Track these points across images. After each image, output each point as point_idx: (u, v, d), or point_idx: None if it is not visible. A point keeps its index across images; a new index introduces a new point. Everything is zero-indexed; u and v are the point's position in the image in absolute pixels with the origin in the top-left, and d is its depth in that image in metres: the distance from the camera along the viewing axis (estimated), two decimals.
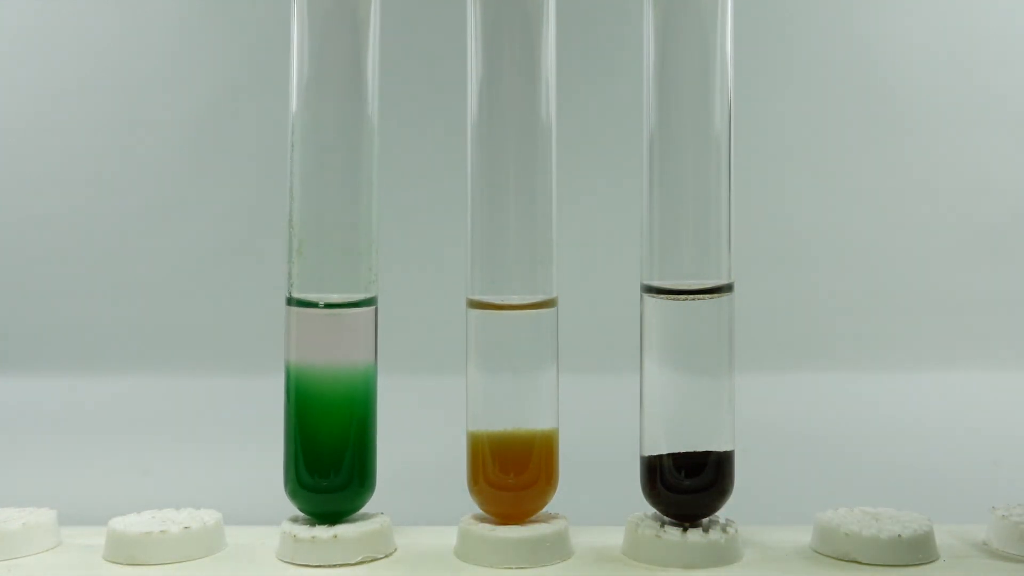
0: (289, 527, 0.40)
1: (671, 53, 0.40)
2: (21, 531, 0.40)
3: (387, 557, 0.40)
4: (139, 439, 0.70)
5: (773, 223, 0.79)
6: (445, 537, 0.42)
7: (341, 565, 0.39)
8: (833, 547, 0.40)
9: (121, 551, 0.40)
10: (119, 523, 0.40)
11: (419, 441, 0.62)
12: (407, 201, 0.77)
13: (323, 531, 0.40)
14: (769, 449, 0.64)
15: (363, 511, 0.42)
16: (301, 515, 0.41)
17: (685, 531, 0.39)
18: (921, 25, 0.80)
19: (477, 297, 0.41)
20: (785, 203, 0.79)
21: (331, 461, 0.40)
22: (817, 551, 0.41)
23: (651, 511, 0.42)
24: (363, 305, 0.41)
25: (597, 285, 0.74)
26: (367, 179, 0.41)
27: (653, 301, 0.41)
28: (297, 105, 0.41)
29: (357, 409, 0.41)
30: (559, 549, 0.40)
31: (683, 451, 0.40)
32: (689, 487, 0.40)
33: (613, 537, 0.42)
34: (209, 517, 0.41)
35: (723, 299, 0.40)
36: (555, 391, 0.41)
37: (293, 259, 0.41)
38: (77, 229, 0.80)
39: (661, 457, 0.40)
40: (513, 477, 0.41)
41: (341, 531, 0.40)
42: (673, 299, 0.40)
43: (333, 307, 0.41)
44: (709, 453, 0.40)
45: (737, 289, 0.41)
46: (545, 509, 0.42)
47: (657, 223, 0.40)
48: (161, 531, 0.39)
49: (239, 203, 0.79)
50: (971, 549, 0.41)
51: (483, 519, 0.41)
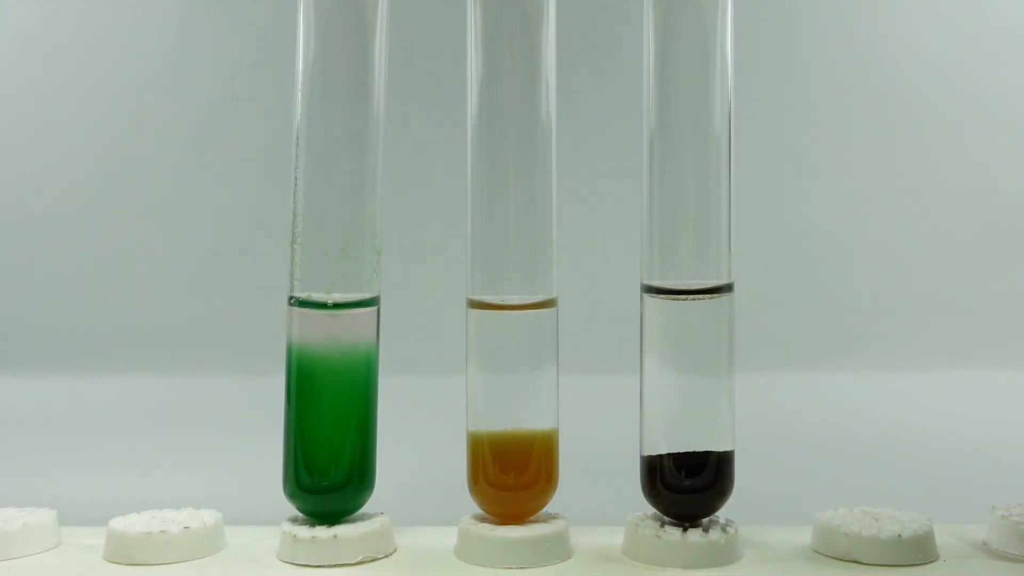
0: (289, 527, 0.40)
1: (671, 53, 0.40)
2: (21, 531, 0.40)
3: (387, 557, 0.40)
4: (139, 439, 0.70)
5: (773, 223, 0.79)
6: (445, 537, 0.42)
7: (341, 565, 0.39)
8: (833, 547, 0.40)
9: (121, 551, 0.40)
10: (119, 523, 0.40)
11: (419, 441, 0.62)
12: (407, 201, 0.77)
13: (323, 531, 0.40)
14: (769, 449, 0.64)
15: (363, 511, 0.42)
16: (301, 515, 0.41)
17: (685, 531, 0.39)
18: (922, 25, 0.80)
19: (477, 297, 0.41)
20: (785, 203, 0.79)
21: (331, 460, 0.40)
22: (817, 551, 0.41)
23: (651, 511, 0.42)
24: (365, 305, 0.41)
25: (597, 285, 0.74)
26: (371, 179, 0.41)
27: (653, 301, 0.41)
28: (302, 105, 0.41)
29: (357, 409, 0.41)
30: (559, 549, 0.40)
31: (683, 451, 0.40)
32: (689, 487, 0.40)
33: (613, 537, 0.42)
34: (209, 517, 0.41)
35: (723, 299, 0.40)
36: (555, 391, 0.41)
37: (295, 258, 0.41)
38: (77, 229, 0.80)
39: (661, 457, 0.40)
40: (513, 477, 0.41)
41: (341, 531, 0.40)
42: (673, 299, 0.40)
43: (334, 307, 0.41)
44: (709, 453, 0.40)
45: (737, 289, 0.41)
46: (545, 509, 0.42)
47: (657, 223, 0.40)
48: (161, 531, 0.39)
49: (239, 203, 0.79)
50: (971, 549, 0.41)
51: (483, 519, 0.41)
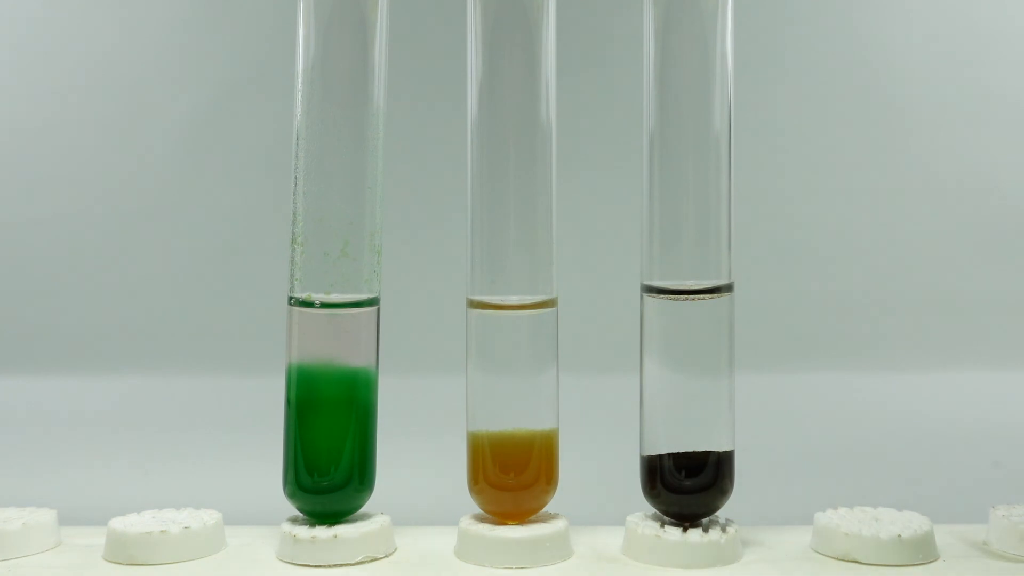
0: (289, 527, 0.40)
1: (671, 53, 0.40)
2: (21, 531, 0.40)
3: (387, 557, 0.40)
4: (139, 439, 0.70)
5: (773, 223, 0.79)
6: (445, 537, 0.42)
7: (341, 565, 0.39)
8: (833, 547, 0.40)
9: (121, 551, 0.40)
10: (119, 523, 0.40)
11: (419, 441, 0.62)
12: (407, 201, 0.77)
13: (323, 531, 0.40)
14: (769, 449, 0.64)
15: (363, 511, 0.42)
16: (301, 515, 0.41)
17: (685, 531, 0.39)
18: (922, 25, 0.80)
19: (477, 297, 0.41)
20: (785, 203, 0.79)
21: (331, 460, 0.40)
22: (817, 551, 0.41)
23: (651, 511, 0.42)
24: (365, 305, 0.41)
25: (597, 285, 0.74)
26: (372, 179, 0.41)
27: (653, 301, 0.41)
28: (302, 105, 0.41)
29: (357, 408, 0.41)
30: (559, 549, 0.40)
31: (683, 451, 0.40)
32: (689, 487, 0.40)
33: (613, 537, 0.42)
34: (209, 517, 0.41)
35: (723, 299, 0.40)
36: (555, 391, 0.41)
37: (295, 259, 0.41)
38: (77, 229, 0.79)
39: (661, 457, 0.40)
40: (513, 477, 0.41)
41: (341, 531, 0.40)
42: (673, 299, 0.40)
43: (334, 307, 0.41)
44: (709, 453, 0.40)
45: (737, 289, 0.41)
46: (545, 509, 0.42)
47: (657, 223, 0.40)
48: (161, 531, 0.39)
49: (239, 203, 0.79)
50: (971, 549, 0.41)
51: (483, 519, 0.41)
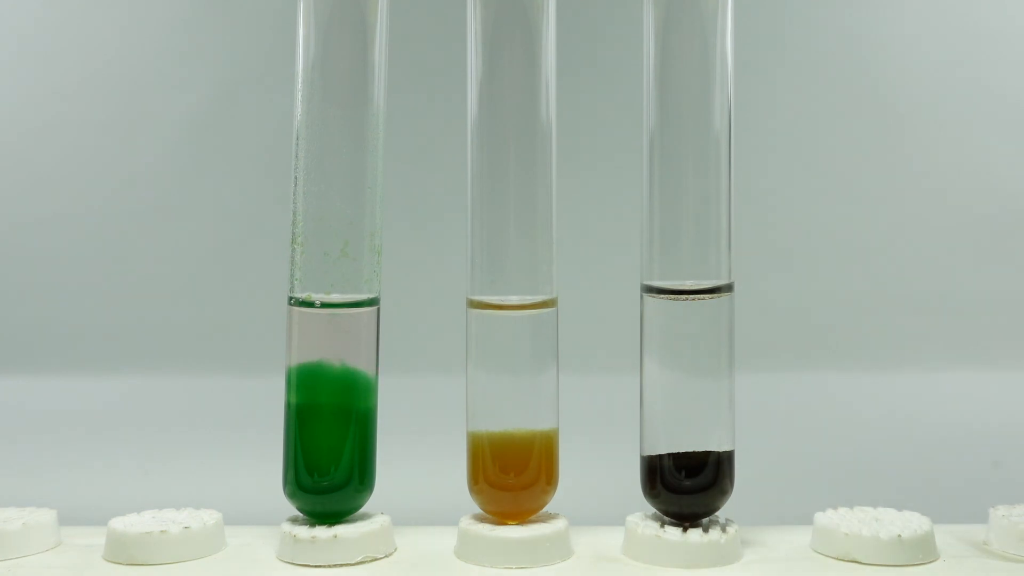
0: (289, 527, 0.40)
1: (671, 53, 0.40)
2: (21, 531, 0.40)
3: (387, 557, 0.40)
4: (139, 439, 0.70)
5: (773, 223, 0.79)
6: (445, 537, 0.42)
7: (341, 565, 0.39)
8: (833, 547, 0.40)
9: (121, 551, 0.40)
10: (119, 523, 0.40)
11: (419, 441, 0.62)
12: (407, 201, 0.77)
13: (323, 531, 0.40)
14: (769, 449, 0.64)
15: (363, 511, 0.42)
16: (301, 515, 0.41)
17: (685, 531, 0.39)
18: (922, 25, 0.80)
19: (477, 297, 0.41)
20: (785, 203, 0.79)
21: (331, 460, 0.40)
22: (817, 551, 0.41)
23: (651, 511, 0.42)
24: (365, 305, 0.41)
25: (597, 285, 0.74)
26: (372, 179, 0.41)
27: (653, 301, 0.41)
28: (302, 105, 0.41)
29: (357, 408, 0.41)
30: (559, 549, 0.40)
31: (683, 451, 0.40)
32: (689, 487, 0.40)
33: (613, 537, 0.42)
34: (209, 517, 0.41)
35: (723, 299, 0.40)
36: (555, 391, 0.41)
37: (295, 259, 0.41)
38: (77, 229, 0.79)
39: (661, 457, 0.40)
40: (513, 477, 0.41)
41: (341, 531, 0.40)
42: (673, 299, 0.40)
43: (334, 307, 0.41)
44: (709, 453, 0.40)
45: (737, 289, 0.41)
46: (545, 509, 0.42)
47: (657, 223, 0.40)
48: (161, 531, 0.39)
49: (239, 203, 0.79)
50: (971, 549, 0.41)
51: (483, 519, 0.41)
